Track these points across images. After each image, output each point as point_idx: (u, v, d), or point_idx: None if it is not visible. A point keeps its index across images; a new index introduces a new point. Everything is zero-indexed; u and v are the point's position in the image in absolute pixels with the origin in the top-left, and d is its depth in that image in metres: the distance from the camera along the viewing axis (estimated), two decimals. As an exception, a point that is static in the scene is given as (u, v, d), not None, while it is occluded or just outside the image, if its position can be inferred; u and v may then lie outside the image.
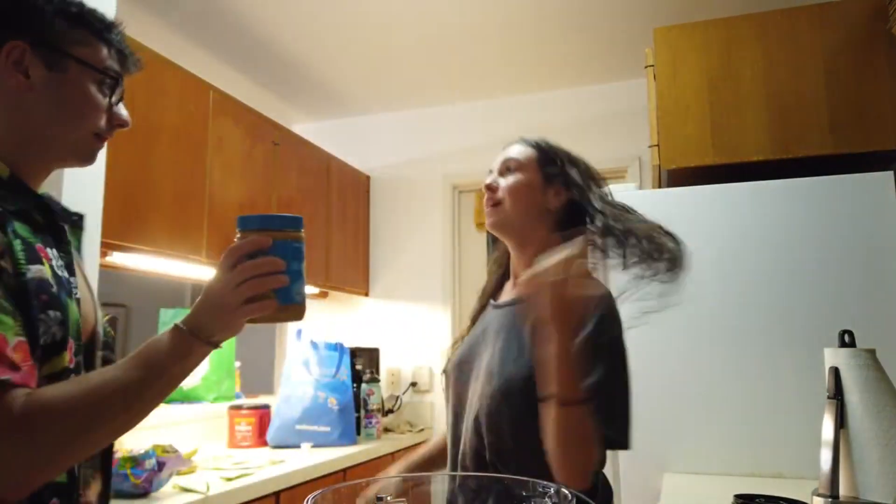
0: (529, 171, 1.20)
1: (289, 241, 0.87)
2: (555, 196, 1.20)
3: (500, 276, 1.32)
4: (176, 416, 2.46)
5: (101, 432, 0.82)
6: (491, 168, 1.26)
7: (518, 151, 1.23)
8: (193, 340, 0.82)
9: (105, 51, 0.91)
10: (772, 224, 1.75)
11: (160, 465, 1.71)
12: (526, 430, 1.05)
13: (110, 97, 0.92)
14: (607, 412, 1.01)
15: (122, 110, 0.94)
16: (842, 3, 1.90)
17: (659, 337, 1.78)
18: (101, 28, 0.90)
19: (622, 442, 1.05)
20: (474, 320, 1.31)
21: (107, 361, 0.97)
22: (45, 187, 0.96)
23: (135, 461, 1.68)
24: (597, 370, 1.01)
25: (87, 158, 0.93)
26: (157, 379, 0.82)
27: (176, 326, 0.83)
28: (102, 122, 0.91)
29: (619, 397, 1.06)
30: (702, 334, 1.75)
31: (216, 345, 0.84)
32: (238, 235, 0.86)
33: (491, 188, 1.22)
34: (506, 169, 1.22)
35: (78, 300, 0.89)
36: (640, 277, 1.04)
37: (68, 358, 0.85)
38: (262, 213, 0.90)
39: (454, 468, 1.19)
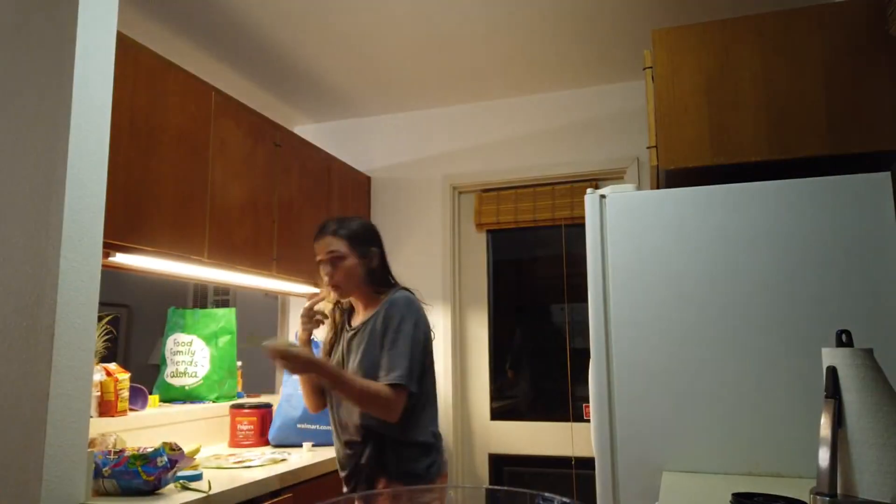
0: (350, 256, 1.93)
1: None
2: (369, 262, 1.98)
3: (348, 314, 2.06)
4: (178, 416, 2.47)
5: None
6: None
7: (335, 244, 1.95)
8: None
9: None
10: (770, 224, 1.77)
11: (172, 463, 1.73)
12: None
13: None
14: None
15: None
16: (840, 4, 1.91)
17: (657, 336, 1.79)
18: None
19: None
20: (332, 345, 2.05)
21: None
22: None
23: (146, 459, 1.70)
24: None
25: None
26: None
27: None
28: None
29: None
30: (700, 334, 1.76)
31: None
32: None
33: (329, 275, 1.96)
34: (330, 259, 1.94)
35: None
36: None
37: None
38: None
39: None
